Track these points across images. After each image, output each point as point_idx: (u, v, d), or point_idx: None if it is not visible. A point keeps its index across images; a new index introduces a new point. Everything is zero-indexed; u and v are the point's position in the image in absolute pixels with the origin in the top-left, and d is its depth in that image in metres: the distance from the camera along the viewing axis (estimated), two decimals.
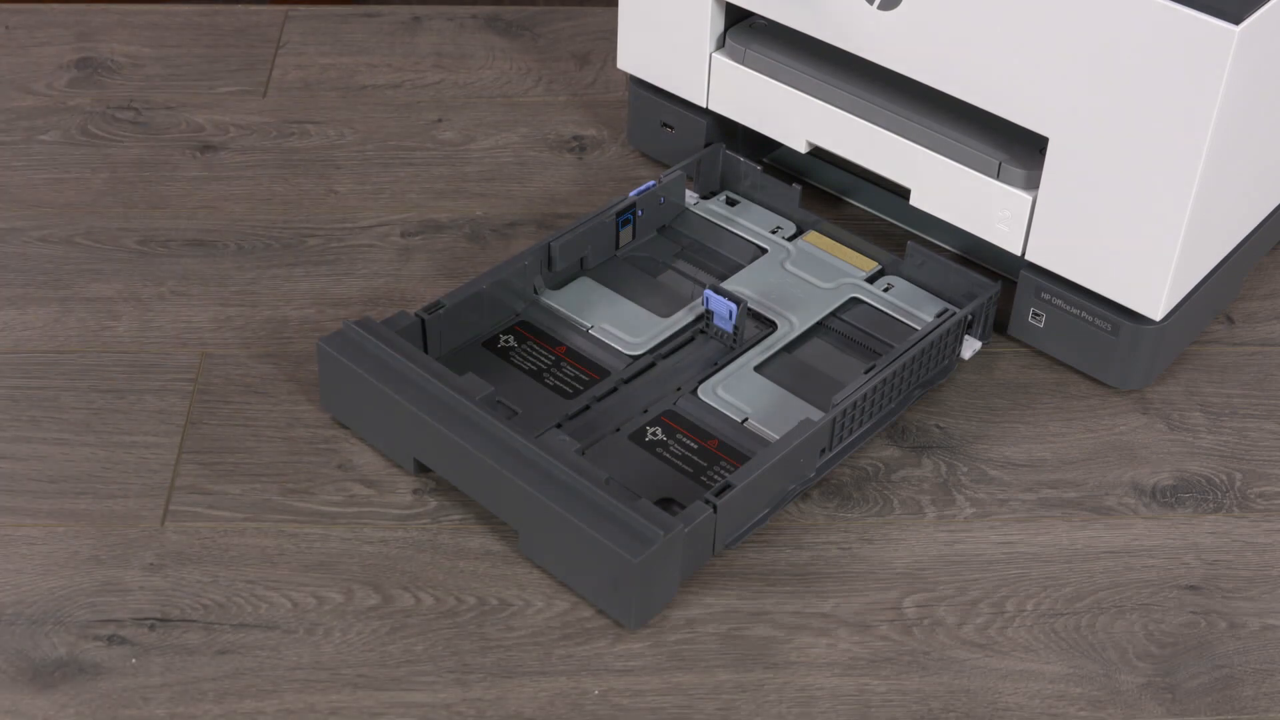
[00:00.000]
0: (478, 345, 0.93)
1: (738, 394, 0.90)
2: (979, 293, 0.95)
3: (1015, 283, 0.96)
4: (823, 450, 0.86)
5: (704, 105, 1.06)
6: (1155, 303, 0.90)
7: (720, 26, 1.03)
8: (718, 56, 1.04)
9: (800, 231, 1.02)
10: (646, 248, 1.01)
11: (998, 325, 0.98)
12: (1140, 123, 0.85)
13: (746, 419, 0.89)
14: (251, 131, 1.14)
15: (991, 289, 0.95)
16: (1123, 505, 0.88)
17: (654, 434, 0.88)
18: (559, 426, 0.87)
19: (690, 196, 1.05)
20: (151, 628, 0.78)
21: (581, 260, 0.98)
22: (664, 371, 0.92)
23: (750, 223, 1.03)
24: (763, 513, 0.84)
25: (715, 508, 0.79)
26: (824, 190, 1.10)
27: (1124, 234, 0.89)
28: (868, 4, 0.93)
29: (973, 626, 0.81)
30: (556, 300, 0.96)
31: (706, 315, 0.94)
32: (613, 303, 0.96)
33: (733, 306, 0.92)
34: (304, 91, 1.18)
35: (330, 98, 1.17)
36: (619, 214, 0.99)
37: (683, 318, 0.95)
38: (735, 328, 0.92)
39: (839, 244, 1.01)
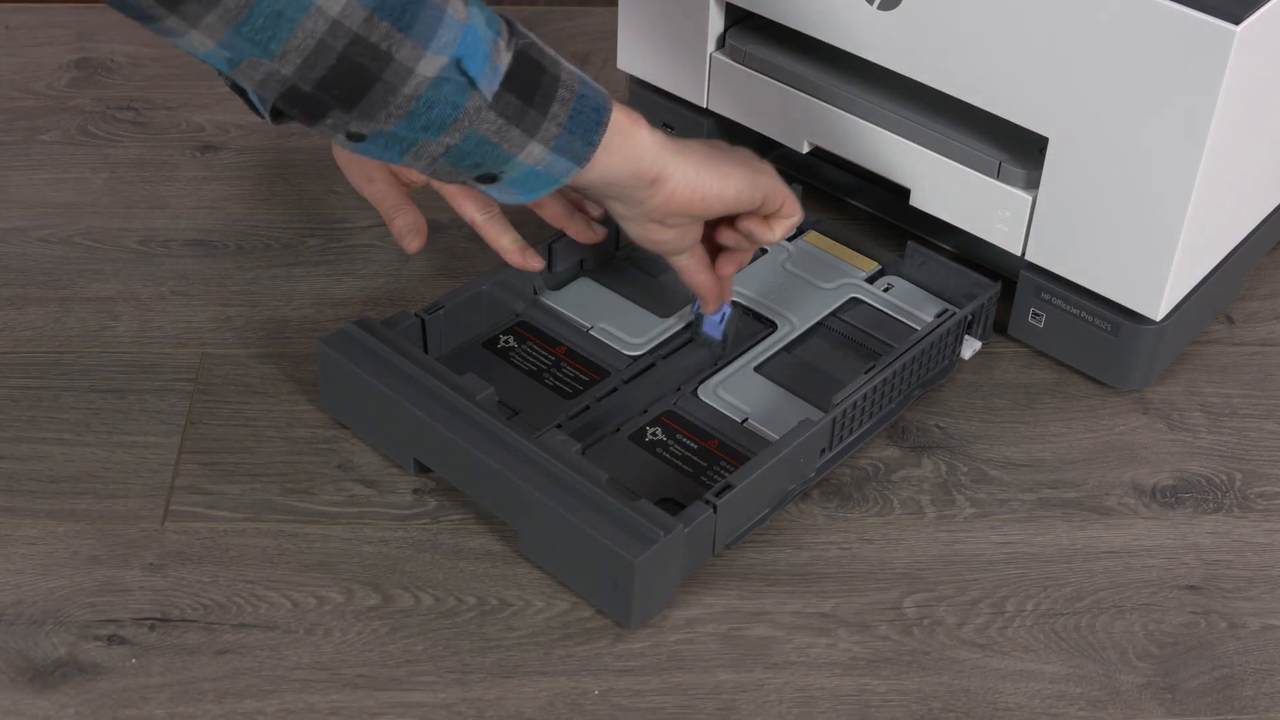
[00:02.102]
0: (478, 345, 0.93)
1: (738, 394, 0.90)
2: (979, 293, 0.95)
3: (1015, 283, 0.96)
4: (823, 450, 0.86)
5: (704, 105, 1.06)
6: (1155, 303, 0.90)
7: (720, 26, 1.03)
8: (718, 56, 1.04)
9: (800, 231, 1.02)
10: None
11: (998, 325, 0.98)
12: (1140, 123, 0.85)
13: (746, 419, 0.89)
14: (251, 131, 1.14)
15: (991, 289, 0.95)
16: (1123, 505, 0.88)
17: (654, 434, 0.88)
18: (559, 426, 0.87)
19: None
20: (151, 628, 0.78)
21: (581, 260, 0.98)
22: (664, 371, 0.92)
23: None
24: (763, 513, 0.84)
25: (715, 508, 0.79)
26: (824, 190, 1.10)
27: (1124, 234, 0.89)
28: (868, 4, 0.93)
29: (973, 626, 0.81)
30: (556, 300, 0.96)
31: (695, 322, 0.93)
32: (613, 303, 0.96)
33: (725, 309, 0.91)
34: None
35: None
36: None
37: (683, 318, 0.95)
38: (725, 334, 0.92)
39: (839, 244, 1.01)
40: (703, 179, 0.81)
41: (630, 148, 0.77)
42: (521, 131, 0.73)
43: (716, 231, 0.87)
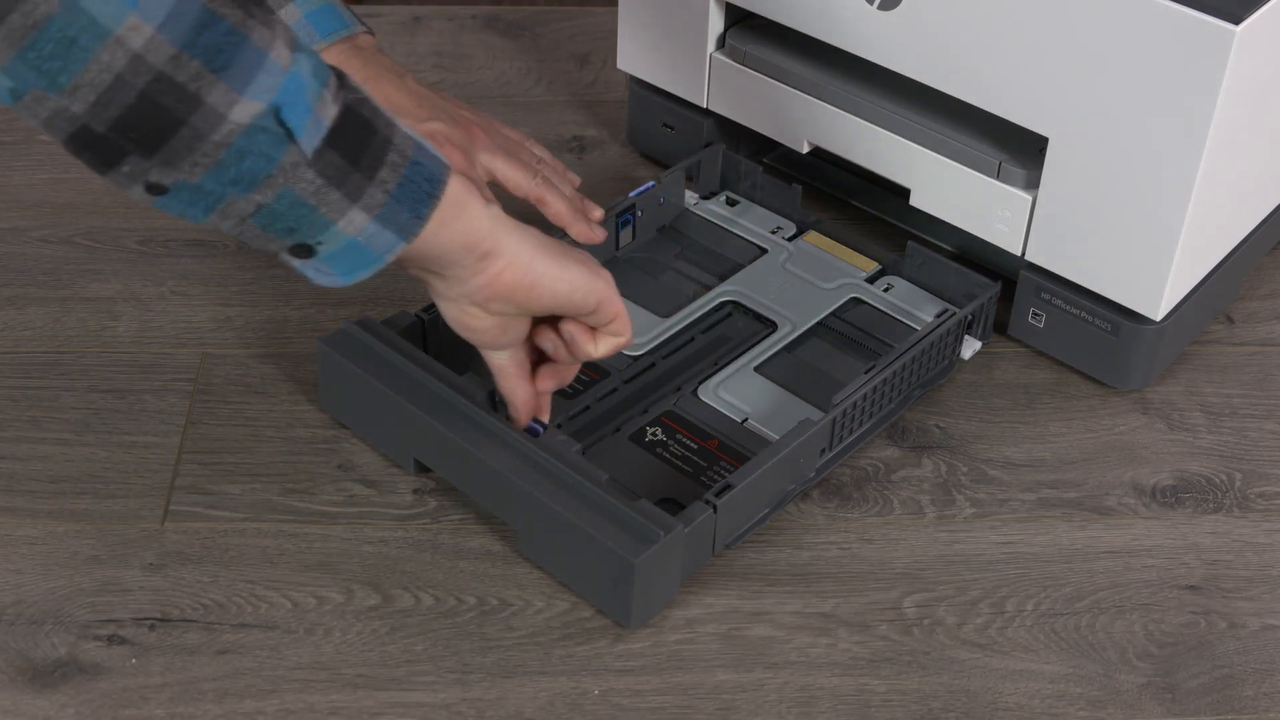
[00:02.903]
0: None
1: (738, 394, 0.90)
2: (979, 293, 0.95)
3: (1015, 283, 0.96)
4: (823, 450, 0.86)
5: (704, 105, 1.06)
6: (1155, 303, 0.90)
7: (720, 26, 1.03)
8: (717, 56, 1.04)
9: (800, 231, 1.02)
10: (646, 248, 1.01)
11: (998, 325, 0.98)
12: (1140, 123, 0.85)
13: (746, 419, 0.89)
14: None
15: (991, 289, 0.95)
16: (1123, 505, 0.88)
17: (654, 434, 0.88)
18: (559, 426, 0.87)
19: (690, 197, 1.05)
20: (151, 628, 0.78)
21: None
22: (664, 371, 0.92)
23: (750, 223, 1.03)
24: (763, 513, 0.84)
25: (715, 508, 0.79)
26: (824, 190, 1.10)
27: (1124, 234, 0.89)
28: (868, 4, 0.93)
29: (973, 626, 0.81)
30: None
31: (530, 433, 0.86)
32: None
33: (537, 428, 0.84)
34: None
35: None
36: (619, 214, 0.99)
37: (683, 318, 0.95)
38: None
39: (839, 244, 1.01)
40: (537, 263, 0.74)
41: (463, 220, 0.71)
42: (343, 195, 0.66)
43: (537, 332, 0.80)
